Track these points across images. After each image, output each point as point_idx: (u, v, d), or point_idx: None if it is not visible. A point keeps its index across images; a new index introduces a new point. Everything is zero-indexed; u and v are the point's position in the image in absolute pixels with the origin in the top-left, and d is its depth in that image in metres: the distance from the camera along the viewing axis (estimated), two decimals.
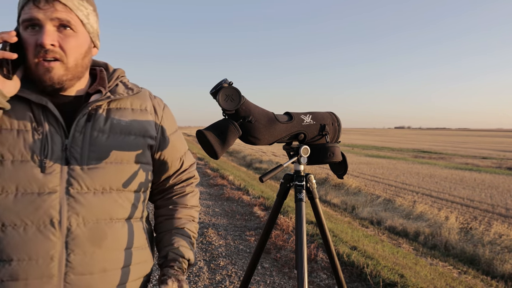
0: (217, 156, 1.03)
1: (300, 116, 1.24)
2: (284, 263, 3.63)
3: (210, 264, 3.59)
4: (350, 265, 3.56)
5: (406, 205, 7.47)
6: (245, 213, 5.62)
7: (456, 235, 5.63)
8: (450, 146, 35.22)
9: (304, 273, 1.28)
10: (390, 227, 6.29)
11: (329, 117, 1.30)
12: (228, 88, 1.01)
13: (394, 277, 3.24)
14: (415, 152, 25.84)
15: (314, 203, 1.44)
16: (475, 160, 19.40)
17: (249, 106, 1.11)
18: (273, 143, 1.21)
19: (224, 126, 1.05)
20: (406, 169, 14.88)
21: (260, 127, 1.13)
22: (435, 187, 10.38)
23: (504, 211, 7.54)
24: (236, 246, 4.11)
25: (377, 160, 18.70)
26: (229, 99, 1.01)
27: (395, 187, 10.23)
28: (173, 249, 1.02)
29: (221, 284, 3.16)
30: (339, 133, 1.31)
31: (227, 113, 1.08)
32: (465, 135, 79.26)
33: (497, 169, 15.14)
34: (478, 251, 4.97)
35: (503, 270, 4.38)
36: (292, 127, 1.21)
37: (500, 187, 10.49)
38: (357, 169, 14.34)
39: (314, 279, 3.27)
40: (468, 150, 28.06)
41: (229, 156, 18.21)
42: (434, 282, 3.54)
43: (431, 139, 54.99)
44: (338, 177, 1.36)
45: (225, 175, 9.18)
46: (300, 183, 1.36)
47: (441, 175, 12.93)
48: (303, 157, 1.28)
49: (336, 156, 1.27)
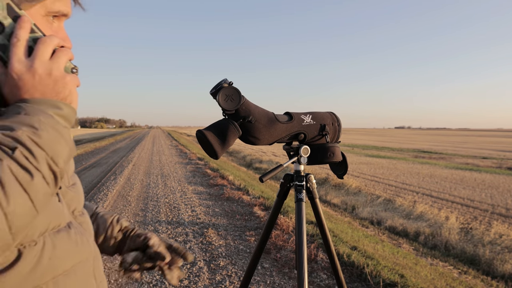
0: (217, 156, 1.03)
1: (300, 116, 1.24)
2: (284, 263, 3.62)
3: (210, 264, 3.58)
4: (350, 265, 3.55)
5: (406, 205, 7.47)
6: (245, 213, 5.62)
7: (456, 235, 5.62)
8: (450, 146, 35.23)
9: (304, 273, 1.28)
10: (390, 227, 6.29)
11: (329, 117, 1.30)
12: (228, 88, 1.01)
13: (394, 277, 3.23)
14: (415, 152, 25.85)
15: (314, 203, 1.44)
16: (475, 160, 19.41)
17: (249, 106, 1.11)
18: (273, 143, 1.21)
19: (224, 126, 1.05)
20: (406, 169, 14.88)
21: (260, 127, 1.13)
22: (435, 187, 10.38)
23: (504, 211, 7.53)
24: (236, 246, 4.11)
25: (377, 160, 18.70)
26: (229, 99, 1.01)
27: (395, 187, 10.23)
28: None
29: (221, 284, 3.16)
30: (339, 133, 1.31)
31: (227, 113, 1.08)
32: (465, 135, 79.28)
33: (497, 169, 15.15)
34: (478, 251, 4.96)
35: (503, 270, 4.38)
36: (292, 127, 1.21)
37: (500, 187, 10.49)
38: (357, 169, 14.34)
39: (314, 279, 3.27)
40: (468, 150, 28.07)
41: (229, 156, 18.21)
42: (434, 282, 3.54)
43: (431, 139, 55.01)
44: (338, 177, 1.36)
45: (225, 175, 9.18)
46: (300, 183, 1.36)
47: (441, 175, 12.93)
48: (303, 157, 1.28)
49: (336, 156, 1.27)
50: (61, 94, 0.62)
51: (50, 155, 0.55)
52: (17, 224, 0.50)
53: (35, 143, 0.54)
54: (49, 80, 0.60)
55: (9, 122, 0.54)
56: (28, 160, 0.52)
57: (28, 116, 0.56)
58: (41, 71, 0.60)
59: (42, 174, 0.54)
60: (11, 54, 0.59)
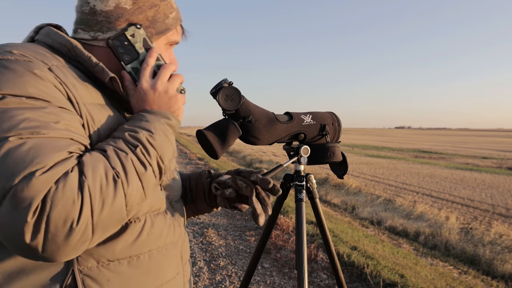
0: (217, 156, 1.03)
1: (300, 116, 1.24)
2: (284, 263, 3.63)
3: (210, 264, 3.59)
4: (350, 265, 3.55)
5: (406, 205, 7.47)
6: (245, 213, 5.62)
7: (457, 235, 5.62)
8: (451, 146, 35.23)
9: (304, 273, 1.28)
10: (390, 227, 6.28)
11: (329, 117, 1.29)
12: (228, 88, 1.01)
13: (395, 277, 3.23)
14: (415, 152, 25.85)
15: (314, 203, 1.44)
16: (475, 160, 19.41)
17: (249, 106, 1.11)
18: (273, 143, 1.21)
19: (224, 126, 1.05)
20: (407, 169, 14.88)
21: (260, 127, 1.13)
22: (435, 187, 10.38)
23: (504, 211, 7.54)
24: (236, 246, 4.11)
25: (377, 160, 18.71)
26: (229, 99, 1.01)
27: (395, 187, 10.23)
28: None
29: (221, 284, 3.16)
30: (340, 133, 1.31)
31: (227, 113, 1.08)
32: (465, 135, 79.31)
33: (497, 169, 15.14)
34: (478, 251, 4.96)
35: (504, 270, 4.38)
36: (292, 127, 1.21)
37: (500, 187, 10.49)
38: (357, 169, 14.34)
39: (314, 279, 3.27)
40: (469, 150, 28.07)
41: (229, 156, 18.21)
42: (434, 282, 3.54)
43: (431, 139, 55.02)
44: (338, 177, 1.36)
45: None
46: (300, 183, 1.36)
47: (442, 175, 12.93)
48: (303, 157, 1.28)
49: (336, 156, 1.27)
50: (172, 108, 0.81)
51: (159, 154, 0.72)
52: (131, 203, 0.66)
53: (150, 144, 0.70)
54: (165, 97, 0.80)
55: (134, 126, 0.72)
56: (144, 156, 0.69)
57: (147, 123, 0.74)
58: (160, 90, 0.80)
59: (152, 168, 0.70)
60: (141, 75, 0.80)
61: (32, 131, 0.60)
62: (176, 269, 0.87)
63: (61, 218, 0.57)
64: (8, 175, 0.56)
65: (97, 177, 0.61)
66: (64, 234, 0.58)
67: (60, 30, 0.85)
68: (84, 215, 0.59)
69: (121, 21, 0.81)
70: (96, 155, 0.65)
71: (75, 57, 0.78)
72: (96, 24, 0.81)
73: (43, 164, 0.58)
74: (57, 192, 0.57)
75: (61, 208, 0.57)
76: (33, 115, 0.62)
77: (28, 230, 0.56)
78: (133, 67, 0.82)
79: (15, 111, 0.61)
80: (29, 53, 0.70)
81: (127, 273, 0.74)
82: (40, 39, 0.81)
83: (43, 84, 0.66)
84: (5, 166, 0.57)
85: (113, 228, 0.67)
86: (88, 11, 0.81)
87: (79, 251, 0.62)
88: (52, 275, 0.67)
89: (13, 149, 0.58)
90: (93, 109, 0.73)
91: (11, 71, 0.65)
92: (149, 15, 0.84)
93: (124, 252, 0.74)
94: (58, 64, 0.73)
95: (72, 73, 0.74)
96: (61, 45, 0.78)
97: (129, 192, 0.65)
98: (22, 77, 0.65)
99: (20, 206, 0.55)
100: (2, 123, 0.60)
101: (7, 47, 0.69)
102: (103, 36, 0.81)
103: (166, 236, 0.82)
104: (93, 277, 0.70)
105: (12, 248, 0.60)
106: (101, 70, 0.76)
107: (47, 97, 0.66)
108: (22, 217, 0.55)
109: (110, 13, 0.80)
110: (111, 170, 0.63)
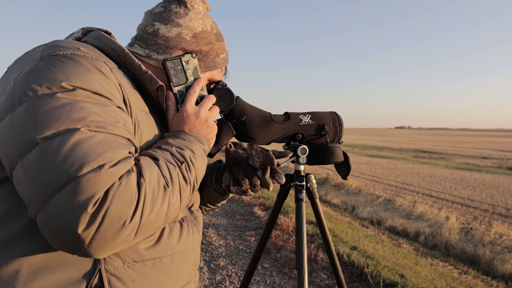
0: (210, 155, 1.05)
1: (299, 116, 1.24)
2: (284, 263, 3.63)
3: (210, 264, 3.59)
4: (350, 265, 3.55)
5: (406, 205, 7.47)
6: (245, 213, 5.62)
7: (457, 235, 5.62)
8: (451, 146, 35.23)
9: (304, 273, 1.28)
10: (390, 227, 6.28)
11: (329, 116, 1.28)
12: (221, 90, 1.03)
13: (395, 277, 3.23)
14: (415, 152, 25.84)
15: (314, 203, 1.44)
16: (475, 160, 19.40)
17: (243, 107, 1.12)
18: (270, 143, 1.22)
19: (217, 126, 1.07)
20: (407, 169, 14.87)
21: (254, 127, 1.15)
22: (435, 187, 10.38)
23: (504, 211, 7.53)
24: (236, 246, 4.11)
25: (377, 160, 18.71)
26: (221, 100, 1.03)
27: (395, 187, 10.23)
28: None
29: (221, 284, 3.16)
30: (341, 133, 1.29)
31: (220, 113, 1.09)
32: (465, 135, 79.30)
33: (497, 169, 15.13)
34: (478, 251, 4.96)
35: (504, 270, 4.38)
36: (289, 127, 1.21)
37: (500, 187, 10.48)
38: (357, 169, 14.34)
39: (314, 279, 3.27)
40: (469, 150, 28.06)
41: None
42: (435, 282, 3.54)
43: (431, 139, 55.02)
44: (342, 178, 1.35)
45: None
46: (300, 183, 1.36)
47: (442, 175, 12.92)
48: (301, 157, 1.28)
49: (336, 157, 1.26)
50: (208, 136, 0.89)
51: (196, 173, 0.77)
52: (170, 213, 0.69)
53: (192, 163, 0.76)
54: (205, 124, 0.88)
55: (179, 143, 0.78)
56: (187, 173, 0.74)
57: (190, 143, 0.80)
58: (202, 117, 0.87)
59: (191, 184, 0.75)
60: (186, 99, 0.87)
61: (99, 125, 0.62)
62: (191, 274, 0.89)
63: (118, 214, 0.58)
64: (76, 164, 0.57)
65: (152, 181, 0.64)
66: (115, 230, 0.58)
67: (110, 36, 0.88)
68: (137, 215, 0.60)
69: (178, 48, 0.89)
70: (150, 161, 0.68)
71: (124, 63, 0.82)
72: (154, 44, 0.88)
73: (111, 159, 0.60)
74: (120, 188, 0.59)
75: (121, 203, 0.58)
76: (99, 110, 0.64)
77: (84, 220, 0.56)
78: (179, 91, 0.89)
79: (84, 103, 0.63)
80: (93, 53, 0.73)
81: (151, 274, 0.76)
82: (89, 41, 0.83)
83: (107, 82, 0.69)
84: (74, 155, 0.57)
85: (149, 235, 0.68)
86: (151, 32, 0.89)
87: (117, 250, 0.63)
88: (79, 273, 0.67)
89: (84, 139, 0.59)
90: (140, 114, 0.77)
91: (80, 65, 0.67)
92: (204, 49, 0.92)
93: (149, 254, 0.75)
94: (114, 66, 0.76)
95: (125, 77, 0.78)
96: (112, 50, 0.82)
97: (172, 202, 0.68)
98: (90, 72, 0.67)
99: (83, 196, 0.56)
100: (73, 113, 0.61)
101: (72, 43, 0.73)
102: (156, 57, 0.88)
103: (185, 241, 0.85)
104: (119, 277, 0.71)
105: (55, 238, 0.58)
106: (149, 77, 0.80)
107: (110, 96, 0.68)
108: (83, 206, 0.56)
109: (170, 39, 0.88)
110: (162, 178, 0.66)
